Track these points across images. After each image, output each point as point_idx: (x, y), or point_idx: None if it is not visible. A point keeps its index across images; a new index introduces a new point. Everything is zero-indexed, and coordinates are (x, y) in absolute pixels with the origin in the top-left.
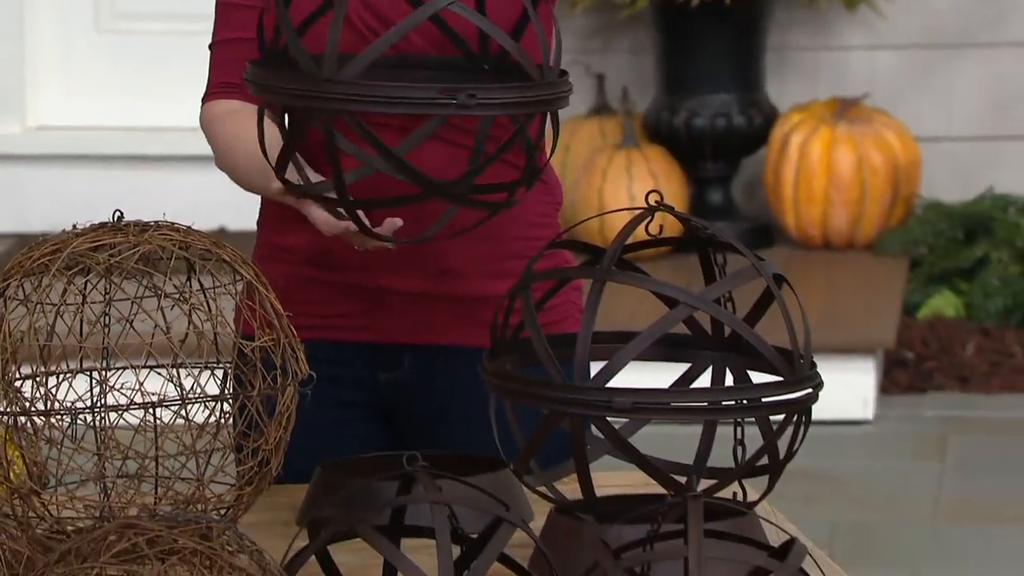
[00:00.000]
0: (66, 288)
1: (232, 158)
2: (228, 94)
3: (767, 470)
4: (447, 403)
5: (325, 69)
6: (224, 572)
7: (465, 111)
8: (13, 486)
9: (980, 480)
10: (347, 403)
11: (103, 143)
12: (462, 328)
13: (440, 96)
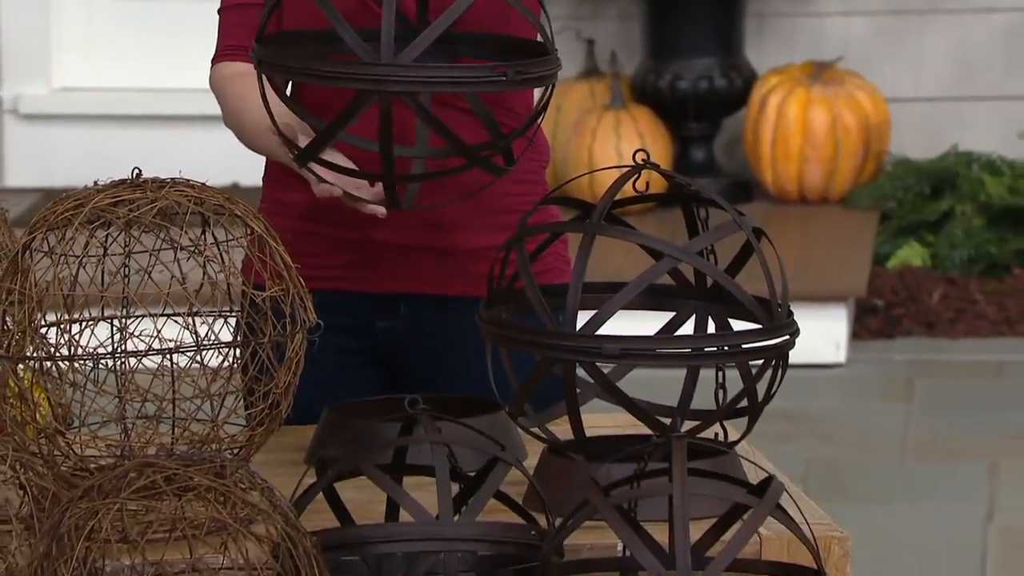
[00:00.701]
0: (88, 241)
1: (238, 119)
2: (236, 56)
3: (747, 412)
4: (441, 349)
5: (383, 53)
6: (237, 508)
7: (514, 87)
8: (39, 426)
9: (945, 419)
10: (346, 350)
11: (123, 103)
12: (453, 279)
13: (493, 74)
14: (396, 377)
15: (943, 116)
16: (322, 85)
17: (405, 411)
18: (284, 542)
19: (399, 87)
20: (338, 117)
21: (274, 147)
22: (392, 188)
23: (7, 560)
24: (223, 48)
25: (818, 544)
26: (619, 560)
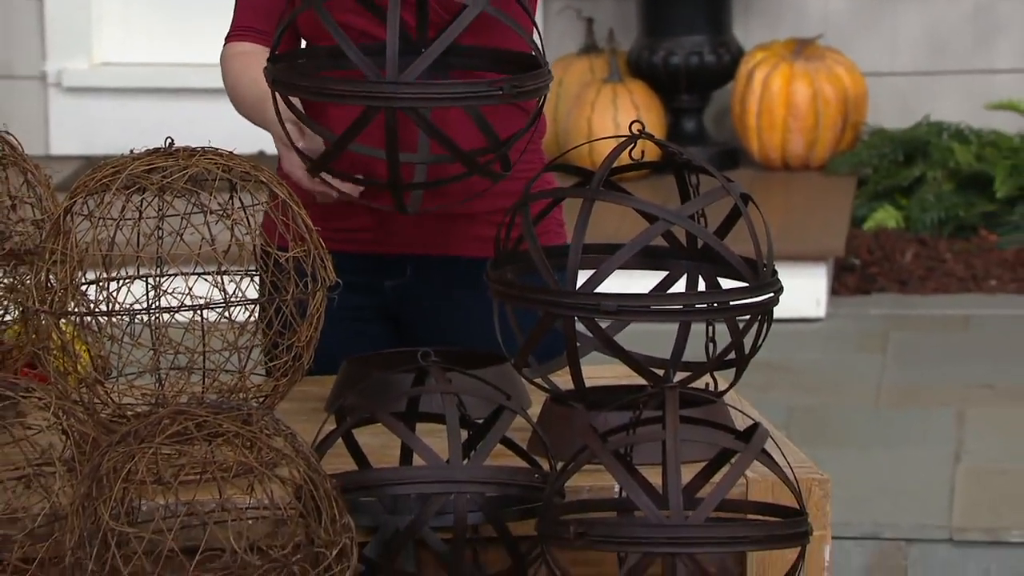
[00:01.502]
0: (124, 205)
1: (234, 94)
2: (245, 36)
3: (734, 363)
4: (445, 306)
5: (388, 70)
6: (262, 452)
7: (510, 100)
8: (80, 377)
9: (916, 370)
10: (357, 307)
11: (157, 77)
12: (455, 241)
13: (490, 89)
14: (404, 332)
15: (916, 89)
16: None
17: (418, 363)
18: (306, 484)
19: (404, 103)
20: (346, 131)
21: (265, 121)
22: (399, 195)
23: (51, 499)
24: (234, 28)
25: (800, 486)
26: (616, 501)
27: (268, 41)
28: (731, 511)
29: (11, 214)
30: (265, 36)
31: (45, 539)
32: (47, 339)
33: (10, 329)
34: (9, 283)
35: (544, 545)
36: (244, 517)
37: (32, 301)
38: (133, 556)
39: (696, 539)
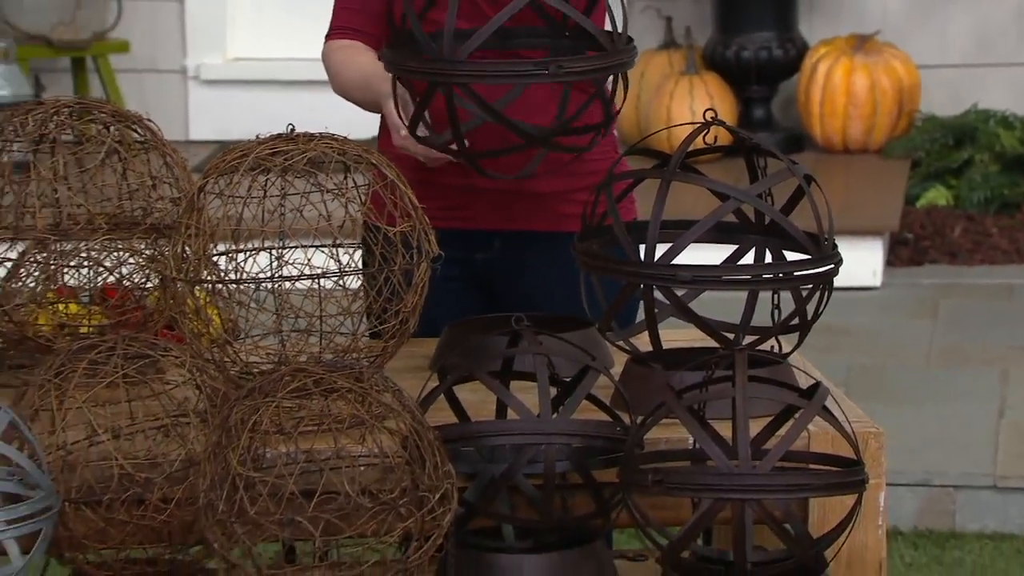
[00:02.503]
0: (251, 184)
1: (339, 80)
2: (344, 35)
3: (798, 328)
4: (528, 275)
5: (444, 50)
6: (373, 406)
7: (555, 79)
8: (212, 338)
9: (964, 333)
10: (451, 278)
11: (283, 71)
12: (538, 217)
13: (535, 68)
14: (496, 300)
15: (965, 80)
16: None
17: (512, 327)
18: (412, 435)
19: (457, 80)
20: (419, 102)
21: (367, 102)
22: (473, 162)
23: (187, 447)
24: (334, 28)
25: (857, 438)
26: (690, 452)
27: (366, 39)
28: (795, 461)
29: (152, 192)
30: (363, 35)
31: (181, 482)
32: (183, 304)
33: (151, 295)
34: (150, 254)
35: (625, 491)
36: (356, 464)
37: (170, 270)
38: (258, 498)
39: (763, 486)
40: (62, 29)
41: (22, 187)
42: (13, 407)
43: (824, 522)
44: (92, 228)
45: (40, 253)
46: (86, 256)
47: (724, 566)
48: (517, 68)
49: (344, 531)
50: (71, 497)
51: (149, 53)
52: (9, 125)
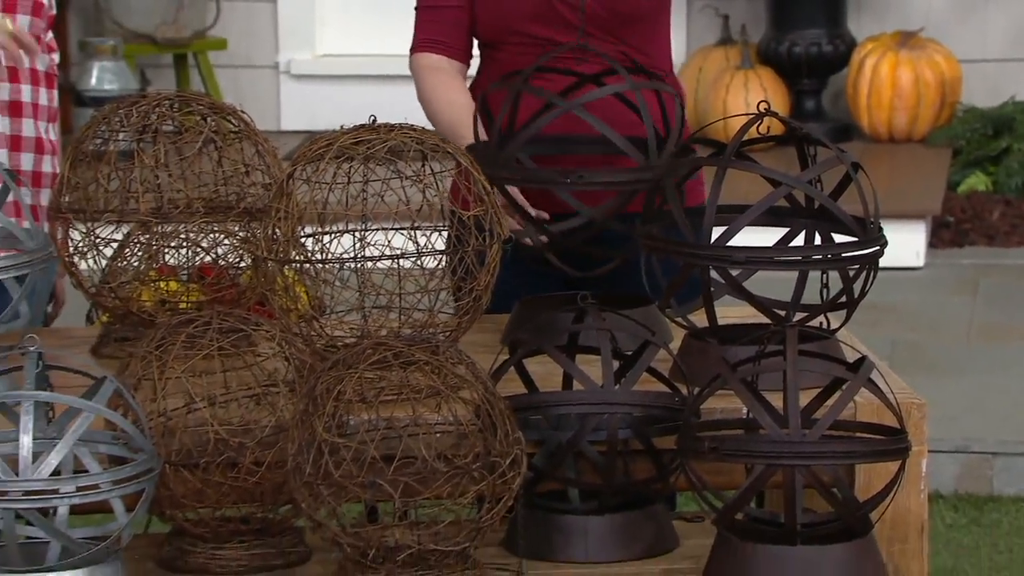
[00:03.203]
0: (336, 171)
1: (428, 110)
2: (430, 48)
3: (845, 305)
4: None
5: (500, 153)
6: (448, 378)
7: (576, 187)
8: (300, 313)
9: (1002, 310)
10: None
11: (366, 66)
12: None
13: (559, 176)
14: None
15: (1004, 74)
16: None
17: (578, 304)
18: (484, 404)
19: (499, 179)
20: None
21: (453, 137)
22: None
23: (276, 414)
24: (420, 41)
25: (901, 408)
26: (744, 421)
27: (451, 52)
28: (842, 430)
29: (245, 179)
30: (448, 47)
31: (272, 447)
32: (273, 282)
33: (244, 274)
34: (244, 236)
35: (682, 457)
36: (433, 431)
37: (261, 251)
38: (342, 462)
39: (812, 453)
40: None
41: (127, 174)
42: (118, 377)
43: (869, 486)
44: (191, 212)
45: (143, 235)
46: (185, 237)
47: (775, 527)
48: (543, 176)
49: (421, 493)
50: (171, 460)
51: (244, 50)
52: (115, 116)
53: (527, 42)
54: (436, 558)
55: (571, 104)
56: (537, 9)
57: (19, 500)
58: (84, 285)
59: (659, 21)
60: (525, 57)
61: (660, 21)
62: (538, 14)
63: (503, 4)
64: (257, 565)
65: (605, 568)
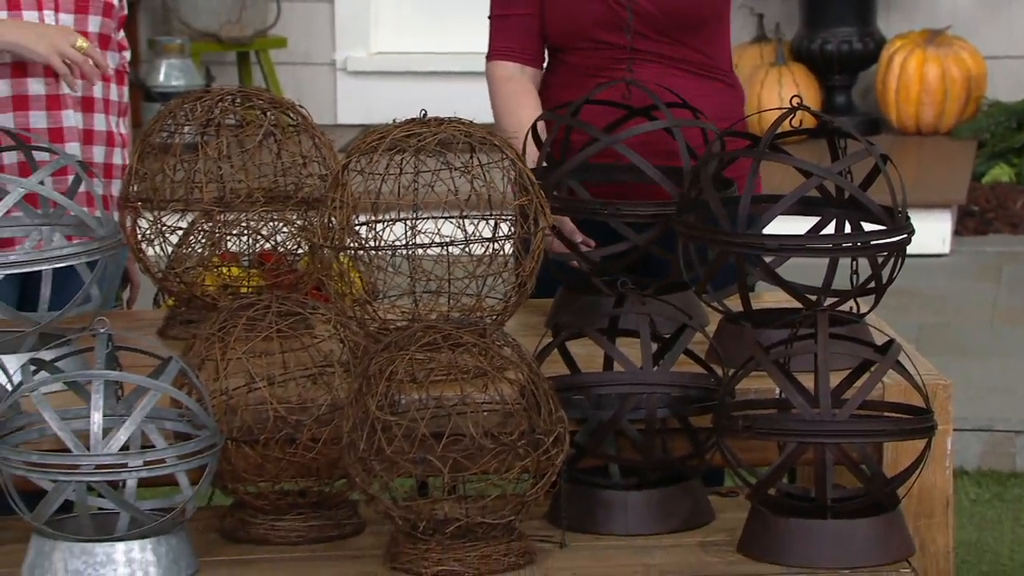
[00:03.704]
0: (388, 163)
1: (499, 123)
2: (504, 56)
3: (874, 291)
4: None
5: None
6: (494, 359)
7: (610, 219)
8: (354, 298)
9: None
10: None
11: (419, 63)
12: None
13: (598, 207)
14: None
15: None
16: None
17: (617, 289)
18: (529, 384)
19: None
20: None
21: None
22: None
23: (332, 393)
24: (494, 49)
25: (927, 389)
26: (776, 400)
27: (524, 58)
28: (871, 410)
29: (303, 170)
30: (521, 54)
31: (327, 424)
32: (329, 268)
33: (302, 260)
34: (301, 224)
35: (718, 435)
36: (480, 410)
37: (318, 238)
38: (394, 439)
39: (842, 431)
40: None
41: (191, 165)
42: (183, 357)
43: (897, 463)
44: (251, 201)
45: (206, 223)
46: (246, 226)
47: (807, 502)
48: (581, 204)
49: (469, 468)
50: (232, 436)
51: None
52: (181, 111)
53: (593, 46)
54: (483, 530)
55: (612, 139)
56: (603, 16)
57: (91, 473)
58: (151, 270)
59: (718, 24)
60: (591, 60)
61: (719, 24)
62: (603, 20)
63: (571, 11)
64: (314, 536)
65: (644, 540)
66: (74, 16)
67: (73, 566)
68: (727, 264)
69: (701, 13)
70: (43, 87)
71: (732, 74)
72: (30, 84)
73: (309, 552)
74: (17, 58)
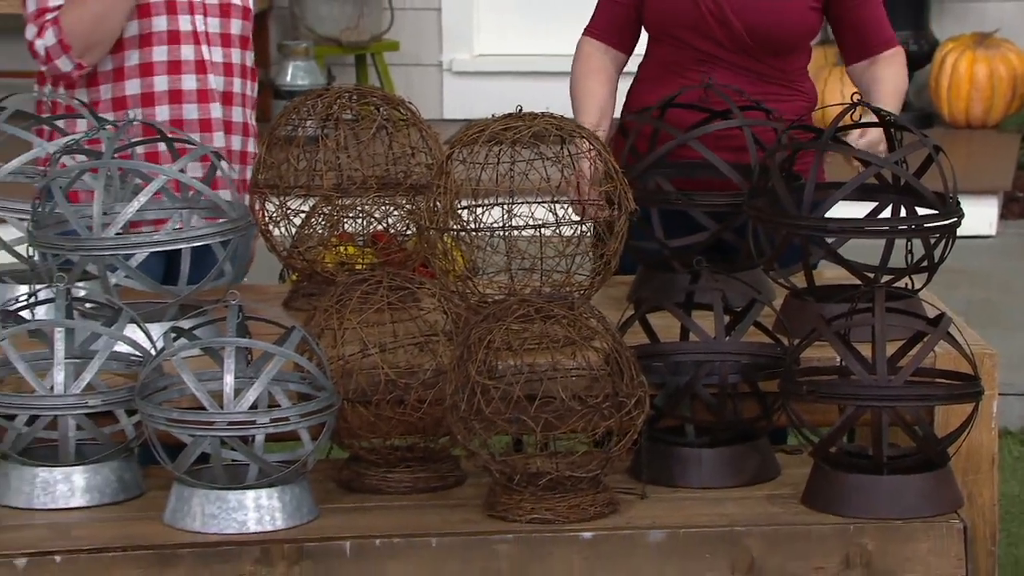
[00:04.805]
0: (487, 153)
1: (571, 86)
2: (598, 36)
3: (926, 269)
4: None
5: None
6: (582, 330)
7: (688, 208)
8: (457, 274)
9: None
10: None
11: (518, 64)
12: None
13: (672, 198)
14: None
15: None
16: None
17: (693, 267)
18: (613, 352)
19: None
20: None
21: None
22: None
23: (437, 360)
24: (592, 26)
25: (975, 358)
26: (837, 368)
27: (612, 42)
28: (923, 376)
29: (411, 159)
30: (611, 37)
31: (432, 387)
32: (434, 248)
33: (410, 240)
34: (410, 208)
35: (784, 398)
36: (569, 375)
37: (424, 221)
38: (492, 401)
39: (897, 396)
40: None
41: (312, 155)
42: (305, 327)
43: (947, 425)
44: (365, 187)
45: (326, 206)
46: (361, 209)
47: (865, 459)
48: (657, 196)
49: (559, 428)
50: (348, 397)
51: (414, 51)
52: (304, 107)
53: (681, 45)
54: (572, 483)
55: (686, 136)
56: (693, 21)
57: (224, 429)
58: (277, 249)
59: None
60: (675, 56)
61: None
62: (693, 25)
63: (665, 11)
64: (420, 486)
65: (716, 493)
66: (219, 20)
67: (209, 510)
68: (792, 245)
69: (787, 43)
70: (195, 83)
71: (807, 82)
72: (184, 80)
73: (416, 501)
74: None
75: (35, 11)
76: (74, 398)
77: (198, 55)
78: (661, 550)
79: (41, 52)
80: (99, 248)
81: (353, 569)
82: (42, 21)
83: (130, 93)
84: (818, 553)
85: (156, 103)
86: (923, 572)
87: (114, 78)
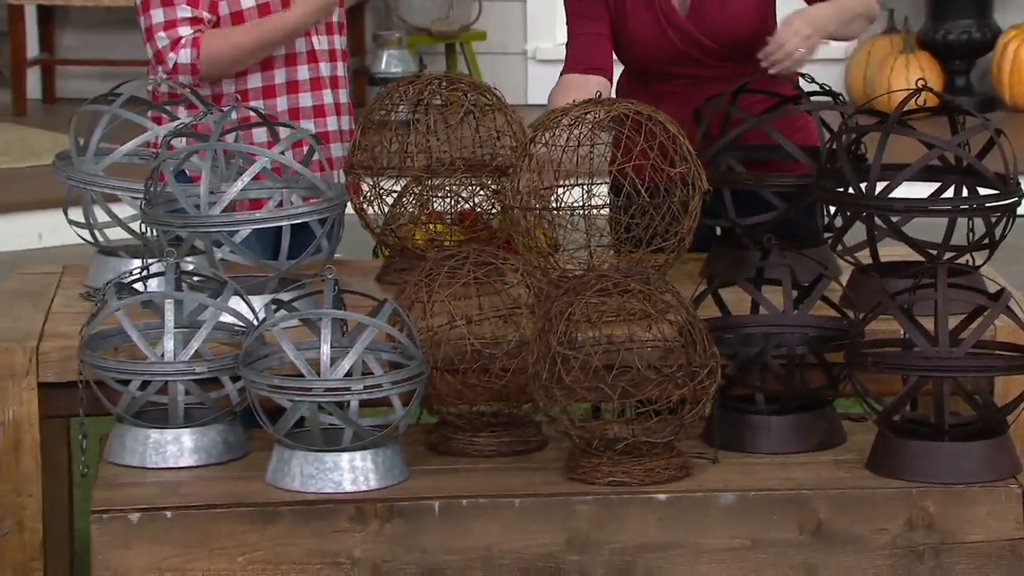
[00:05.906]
0: (568, 136)
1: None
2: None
3: (988, 246)
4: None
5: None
6: (657, 303)
7: (759, 188)
8: (539, 250)
9: None
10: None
11: None
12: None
13: (742, 178)
14: None
15: None
16: None
17: (762, 244)
18: (687, 325)
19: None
20: None
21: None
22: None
23: (520, 331)
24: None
25: None
26: (901, 340)
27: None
28: (984, 348)
29: (497, 142)
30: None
31: (516, 357)
32: (518, 225)
33: (496, 219)
34: (495, 188)
35: (849, 369)
36: (645, 346)
37: (509, 200)
38: (571, 370)
39: (958, 367)
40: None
41: (404, 138)
42: (396, 299)
43: (1006, 394)
44: (454, 168)
45: (417, 187)
46: (449, 189)
47: (927, 427)
48: (732, 176)
49: (635, 395)
50: (437, 366)
51: (500, 40)
52: (396, 93)
53: (669, 76)
54: (647, 447)
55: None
56: (672, 55)
57: (320, 395)
58: (371, 227)
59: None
60: (668, 86)
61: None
62: (673, 58)
63: (645, 55)
64: (504, 450)
65: (784, 458)
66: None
67: (307, 471)
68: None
69: (747, 38)
70: (308, 72)
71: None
72: (299, 71)
73: (500, 463)
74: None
75: (164, 21)
76: (183, 365)
77: (309, 45)
78: (732, 512)
79: (170, 64)
80: (206, 225)
81: (441, 527)
82: (176, 35)
83: (252, 86)
84: (882, 516)
85: (276, 95)
86: (982, 534)
87: (236, 73)
